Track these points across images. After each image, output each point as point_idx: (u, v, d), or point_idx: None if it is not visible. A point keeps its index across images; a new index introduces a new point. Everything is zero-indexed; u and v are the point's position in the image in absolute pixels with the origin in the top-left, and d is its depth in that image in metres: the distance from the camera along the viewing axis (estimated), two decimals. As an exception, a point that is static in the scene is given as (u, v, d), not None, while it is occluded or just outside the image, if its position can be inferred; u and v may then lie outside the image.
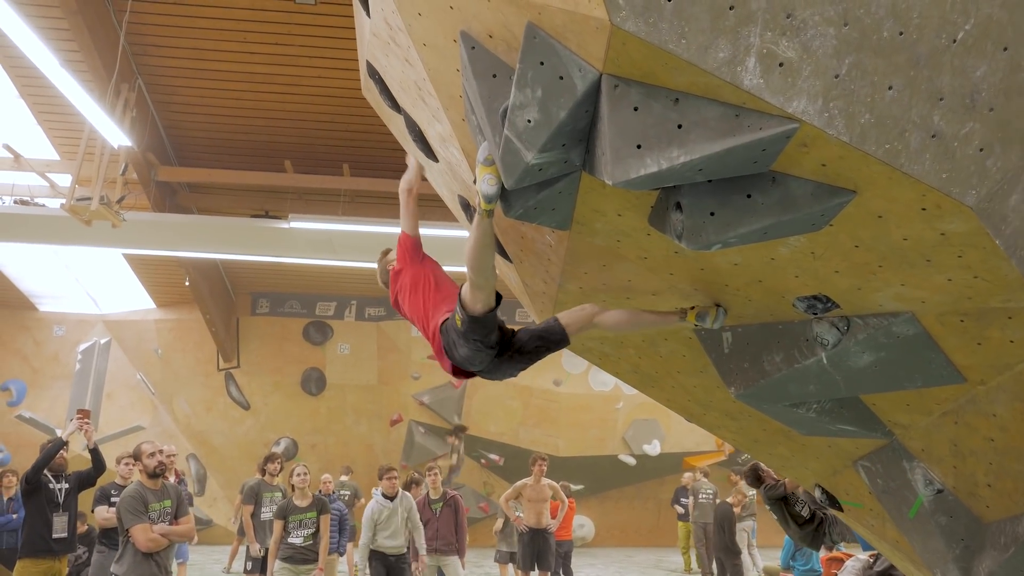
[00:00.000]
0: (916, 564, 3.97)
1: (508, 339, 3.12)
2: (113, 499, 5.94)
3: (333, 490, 9.67)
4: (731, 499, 10.37)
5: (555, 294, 3.72)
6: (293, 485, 6.62)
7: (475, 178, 2.63)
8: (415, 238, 3.55)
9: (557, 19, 1.96)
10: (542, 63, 2.06)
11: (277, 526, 6.50)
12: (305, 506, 6.54)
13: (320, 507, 6.61)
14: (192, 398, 14.58)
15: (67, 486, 6.18)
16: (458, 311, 2.92)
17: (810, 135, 2.00)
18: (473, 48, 2.32)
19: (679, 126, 1.97)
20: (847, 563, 5.41)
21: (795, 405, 3.56)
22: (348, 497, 10.42)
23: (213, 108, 10.00)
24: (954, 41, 2.02)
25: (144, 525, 4.79)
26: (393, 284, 3.69)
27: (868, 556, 5.35)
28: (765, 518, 12.51)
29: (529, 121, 2.16)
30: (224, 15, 8.57)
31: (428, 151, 3.95)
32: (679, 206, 2.28)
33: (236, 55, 9.14)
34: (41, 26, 7.72)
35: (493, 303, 2.91)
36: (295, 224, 9.88)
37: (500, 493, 14.86)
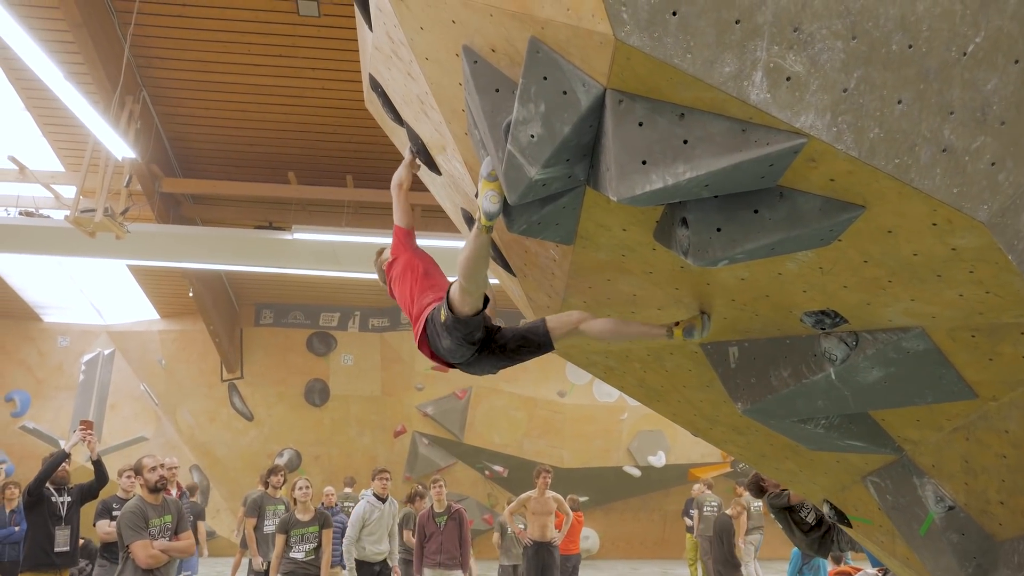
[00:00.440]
0: (927, 582, 3.91)
1: (492, 335, 3.14)
2: (115, 513, 5.90)
3: (336, 502, 9.61)
4: (730, 511, 10.26)
5: (559, 308, 3.68)
6: (295, 499, 6.57)
7: (477, 192, 2.61)
8: (407, 229, 3.60)
9: (560, 34, 1.93)
10: (545, 78, 2.04)
11: (279, 540, 6.45)
12: (307, 520, 6.49)
13: (323, 521, 6.56)
14: (195, 409, 14.55)
15: (69, 499, 6.15)
16: (444, 307, 2.95)
17: (818, 150, 1.97)
18: (475, 62, 2.29)
19: (685, 141, 1.94)
20: (855, 578, 5.34)
21: (803, 421, 3.51)
22: (352, 508, 10.34)
23: (217, 120, 10.02)
24: (964, 54, 1.98)
25: (144, 541, 4.75)
26: (388, 275, 3.71)
27: (877, 572, 5.28)
28: (772, 530, 12.42)
29: (532, 136, 2.13)
30: (228, 27, 8.59)
31: (431, 164, 3.93)
32: (685, 222, 2.24)
33: (240, 67, 9.16)
34: (45, 39, 7.74)
35: (480, 307, 2.93)
36: (299, 235, 9.87)
37: (504, 505, 14.80)
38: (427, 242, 9.53)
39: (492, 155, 2.33)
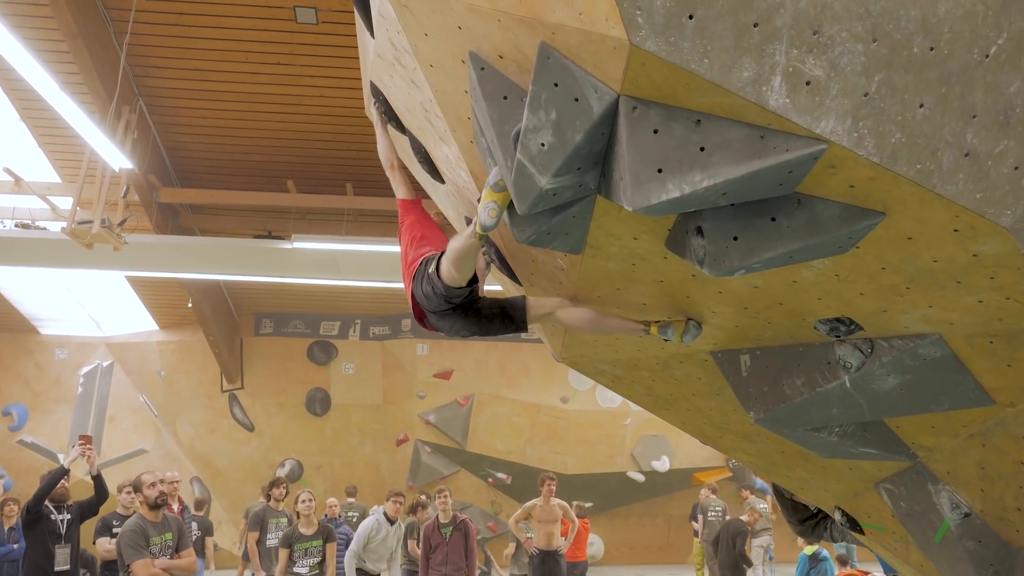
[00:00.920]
0: (944, 591, 3.84)
1: (472, 302, 3.18)
2: (115, 530, 5.82)
3: (340, 513, 9.53)
4: (745, 517, 10.13)
5: (566, 317, 3.62)
6: (299, 512, 6.49)
7: (480, 197, 2.55)
8: (412, 200, 3.67)
9: (572, 39, 1.87)
10: (556, 84, 1.98)
11: (282, 555, 6.37)
12: (311, 534, 6.41)
13: (326, 535, 6.48)
14: (195, 420, 14.46)
15: (69, 516, 6.07)
16: (434, 263, 3.03)
17: (839, 156, 1.91)
18: (483, 69, 2.23)
19: (701, 149, 1.89)
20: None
21: (817, 429, 3.45)
22: (356, 519, 10.26)
23: (215, 128, 9.96)
24: (987, 56, 1.93)
25: (145, 560, 4.67)
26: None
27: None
28: (781, 532, 12.33)
29: (543, 145, 2.07)
30: (225, 35, 8.54)
31: (434, 172, 3.87)
32: (700, 231, 2.19)
33: (238, 75, 9.10)
34: (40, 49, 7.69)
35: (463, 284, 3.01)
36: (298, 244, 9.81)
37: (508, 512, 14.71)
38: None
39: (500, 164, 2.27)
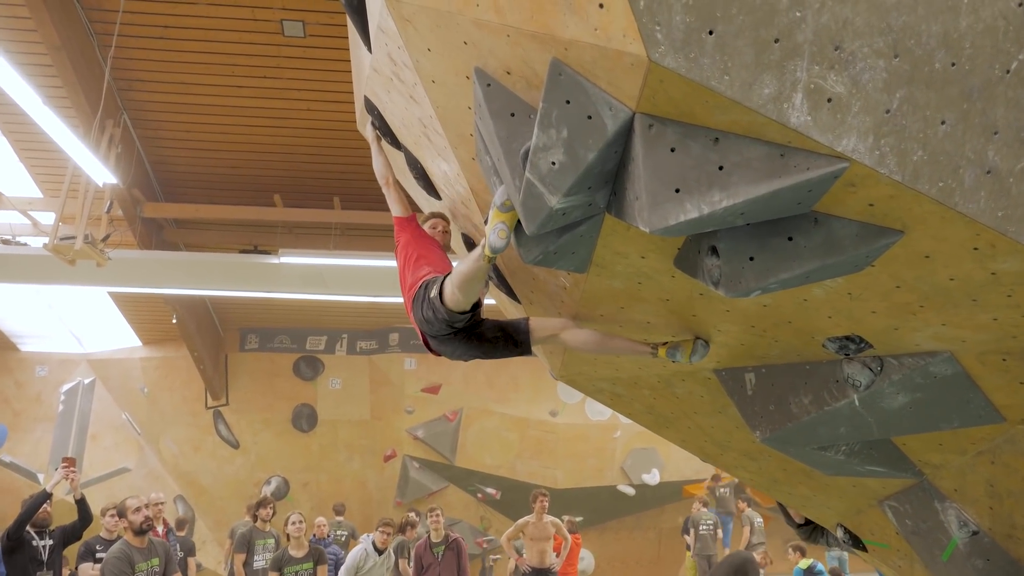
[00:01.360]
0: (951, 610, 3.78)
1: (474, 325, 3.12)
2: (99, 555, 5.64)
3: (328, 532, 9.37)
4: (759, 558, 9.60)
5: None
6: (288, 534, 6.35)
7: (486, 218, 2.48)
8: (407, 216, 3.61)
9: (586, 55, 1.81)
10: (568, 102, 1.92)
11: (272, 578, 6.22)
12: (301, 556, 6.27)
13: (317, 557, 6.34)
14: (179, 438, 14.20)
15: (51, 542, 5.88)
16: (438, 286, 2.97)
17: (859, 174, 1.86)
18: (489, 85, 2.17)
19: (720, 167, 1.83)
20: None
21: (823, 448, 3.40)
22: (345, 538, 10.10)
23: (200, 142, 9.83)
24: (1008, 72, 1.89)
25: (132, 587, 4.53)
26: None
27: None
28: (772, 544, 12.27)
29: (553, 164, 2.00)
30: (211, 48, 8.44)
31: (430, 188, 3.80)
32: (714, 251, 2.13)
33: (224, 88, 8.99)
34: (23, 62, 7.54)
35: (467, 308, 2.95)
36: (285, 259, 9.68)
37: (497, 528, 14.55)
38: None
39: (508, 183, 2.20)
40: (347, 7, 2.92)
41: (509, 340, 3.19)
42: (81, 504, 6.06)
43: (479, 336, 3.16)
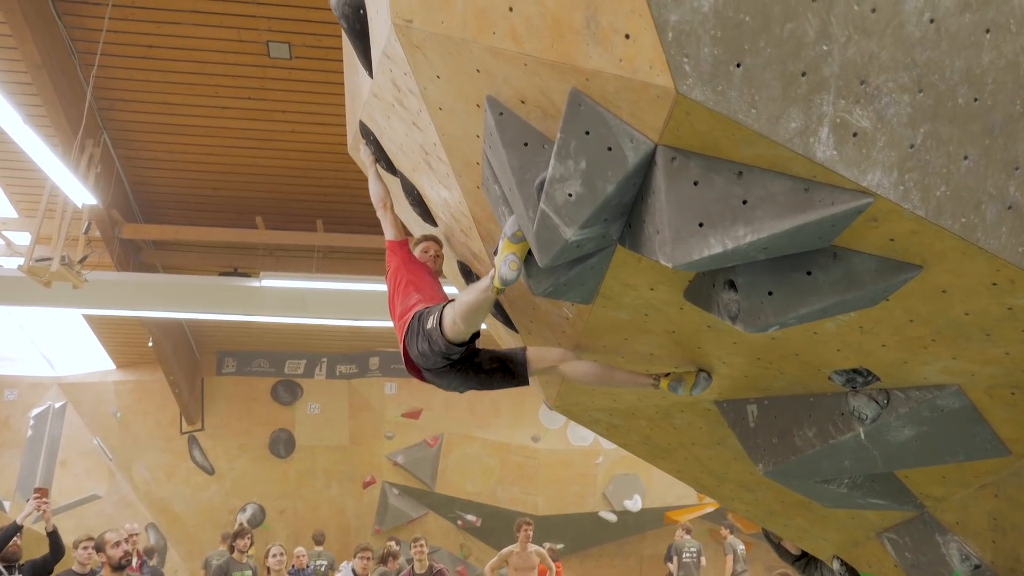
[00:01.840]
0: (953, 645, 3.74)
1: (470, 356, 3.05)
2: (72, 589, 5.42)
3: (308, 563, 9.15)
4: None
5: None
6: (269, 567, 6.16)
7: (496, 248, 2.42)
8: (399, 241, 3.55)
9: (609, 86, 1.77)
10: (587, 133, 1.87)
11: (252, 612, 6.02)
12: (282, 588, 6.09)
13: (298, 589, 6.16)
14: (152, 463, 13.85)
15: (20, 576, 5.65)
16: (435, 317, 2.88)
17: (883, 209, 1.83)
18: (501, 114, 2.12)
19: (744, 202, 1.79)
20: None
21: (826, 481, 3.36)
22: (324, 568, 9.87)
23: (182, 163, 9.69)
24: (1028, 108, 1.88)
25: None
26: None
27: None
28: (756, 571, 12.20)
29: (570, 195, 1.96)
30: (196, 69, 8.35)
31: (427, 215, 3.74)
32: (732, 285, 2.08)
33: (207, 109, 8.89)
34: (2, 80, 7.41)
35: (466, 339, 2.89)
36: (267, 282, 9.53)
37: (477, 555, 14.33)
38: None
39: (520, 214, 2.15)
40: (348, 31, 2.87)
41: (506, 371, 3.12)
42: (53, 537, 5.83)
43: (476, 367, 3.09)
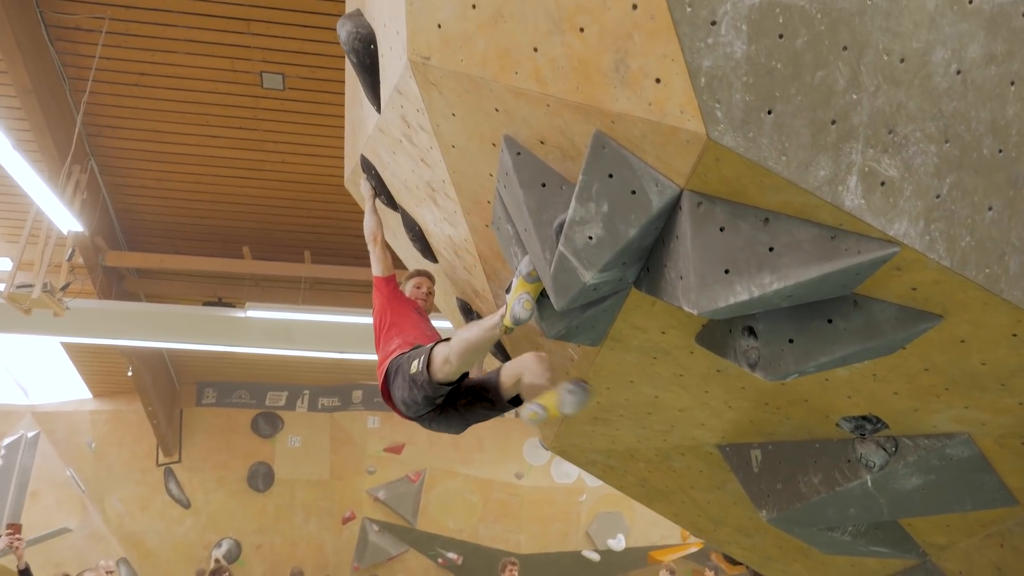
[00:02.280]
0: None
1: (454, 398, 2.90)
2: (42, 631, 5.20)
3: (285, 602, 8.88)
4: None
5: (568, 407, 3.43)
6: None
7: (509, 286, 2.38)
8: (386, 277, 3.44)
9: (635, 129, 1.75)
10: (611, 175, 1.85)
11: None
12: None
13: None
14: (126, 496, 13.48)
15: (-12, 616, 5.42)
16: (422, 362, 2.74)
17: (907, 259, 1.81)
18: (519, 154, 2.09)
19: (770, 249, 1.76)
20: None
21: (830, 528, 3.31)
22: (301, 608, 9.59)
23: (169, 191, 9.59)
24: (1050, 160, 1.88)
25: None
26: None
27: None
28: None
29: (590, 238, 1.92)
30: (188, 98, 8.30)
31: (427, 251, 3.69)
32: (752, 331, 2.05)
33: (197, 138, 8.83)
34: (-10, 105, 7.33)
35: (455, 379, 2.75)
36: (252, 313, 9.40)
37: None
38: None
39: (537, 255, 2.11)
40: (357, 66, 2.84)
41: (483, 400, 2.92)
42: (24, 574, 5.62)
43: (454, 406, 2.93)
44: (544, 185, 2.06)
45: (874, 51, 1.68)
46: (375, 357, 3.30)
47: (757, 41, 1.60)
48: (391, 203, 3.65)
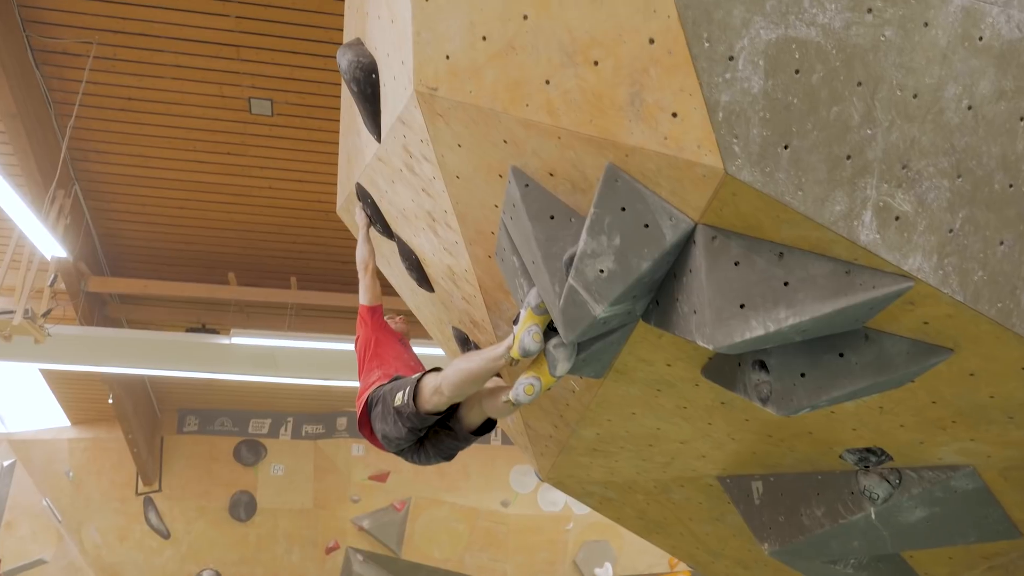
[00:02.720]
0: None
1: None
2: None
3: (268, 636, 8.67)
4: None
5: (566, 440, 3.39)
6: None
7: (517, 317, 2.34)
8: (370, 306, 3.41)
9: (649, 163, 1.73)
10: (623, 209, 1.83)
11: None
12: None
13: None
14: (104, 526, 13.17)
15: (-39, 656, 5.23)
16: (408, 394, 2.66)
17: (921, 293, 1.81)
18: (527, 186, 2.07)
19: (785, 283, 1.75)
20: None
21: (832, 561, 3.27)
22: (283, 642, 9.36)
23: (154, 216, 9.49)
24: (1059, 195, 1.89)
25: None
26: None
27: None
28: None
29: (602, 271, 1.90)
30: (175, 123, 8.24)
31: (423, 280, 3.65)
32: (763, 366, 2.03)
33: (184, 163, 8.76)
34: (-27, 129, 7.24)
35: (443, 410, 2.67)
36: (237, 340, 9.28)
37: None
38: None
39: (545, 288, 2.08)
40: (358, 95, 2.82)
41: (444, 427, 2.82)
42: (0, 611, 5.43)
43: (427, 437, 2.84)
44: (553, 217, 2.04)
45: (888, 87, 1.68)
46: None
47: (774, 76, 1.60)
48: (387, 232, 3.62)
